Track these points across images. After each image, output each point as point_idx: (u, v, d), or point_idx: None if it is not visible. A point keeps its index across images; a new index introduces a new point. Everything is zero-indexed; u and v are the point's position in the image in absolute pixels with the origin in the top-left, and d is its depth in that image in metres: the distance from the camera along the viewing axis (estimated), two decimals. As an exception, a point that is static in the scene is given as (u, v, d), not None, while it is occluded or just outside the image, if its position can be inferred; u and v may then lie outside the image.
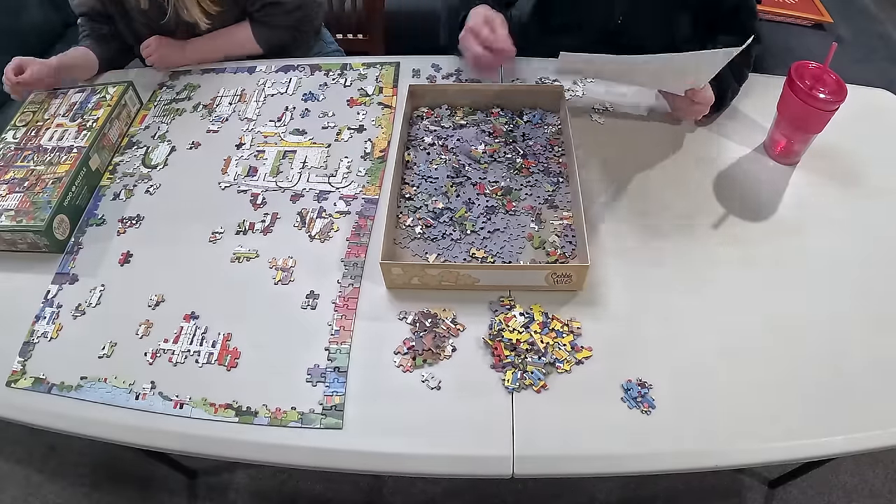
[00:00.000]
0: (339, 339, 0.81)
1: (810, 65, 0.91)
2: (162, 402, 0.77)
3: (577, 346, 0.78)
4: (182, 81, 1.20)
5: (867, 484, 1.37)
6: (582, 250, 0.83)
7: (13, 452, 1.49)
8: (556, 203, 0.92)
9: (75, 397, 0.79)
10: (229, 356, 0.80)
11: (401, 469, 0.75)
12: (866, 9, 1.66)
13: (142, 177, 1.03)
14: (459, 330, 0.81)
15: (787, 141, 0.97)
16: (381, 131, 1.07)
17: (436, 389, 0.76)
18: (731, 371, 0.76)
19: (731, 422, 0.72)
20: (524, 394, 0.75)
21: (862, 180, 0.97)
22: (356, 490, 1.40)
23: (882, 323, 0.80)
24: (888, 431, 0.71)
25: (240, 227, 0.94)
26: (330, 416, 0.74)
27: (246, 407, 0.76)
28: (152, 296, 0.87)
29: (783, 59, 1.44)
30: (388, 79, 1.16)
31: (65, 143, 1.02)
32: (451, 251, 0.87)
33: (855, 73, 1.00)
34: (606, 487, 1.38)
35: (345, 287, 0.86)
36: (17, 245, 0.93)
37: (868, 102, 1.08)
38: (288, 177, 1.00)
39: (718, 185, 0.96)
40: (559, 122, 1.03)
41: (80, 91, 1.12)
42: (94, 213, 0.99)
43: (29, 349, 0.83)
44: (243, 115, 1.11)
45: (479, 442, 0.72)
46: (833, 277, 0.85)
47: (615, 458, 0.71)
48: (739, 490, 1.37)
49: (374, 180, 0.99)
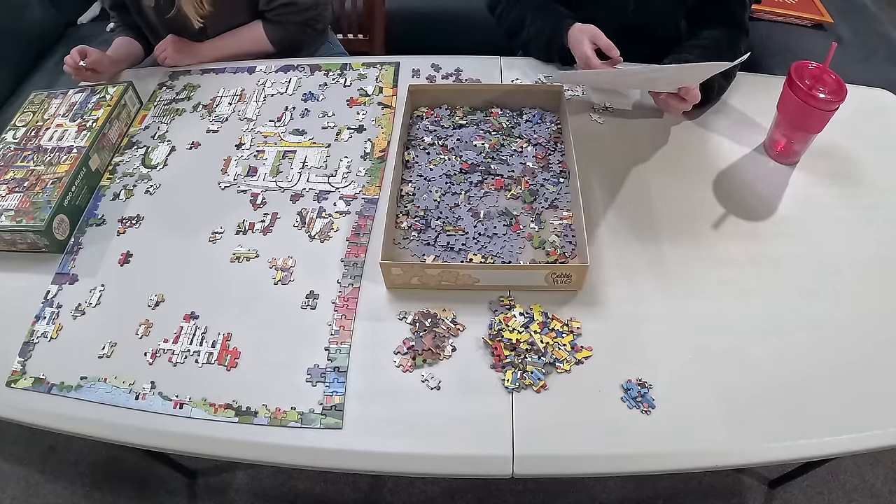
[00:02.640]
0: (338, 339, 0.81)
1: (810, 65, 0.91)
2: (162, 402, 0.77)
3: (577, 346, 0.78)
4: (182, 81, 1.20)
5: (867, 484, 1.37)
6: (582, 250, 0.83)
7: (13, 452, 1.48)
8: (556, 203, 0.92)
9: (75, 397, 0.79)
10: (229, 356, 0.80)
11: (400, 469, 0.75)
12: (866, 9, 1.66)
13: (142, 177, 1.03)
14: (459, 330, 0.81)
15: (787, 141, 0.97)
16: (381, 131, 1.07)
17: (436, 389, 0.76)
18: (731, 371, 0.76)
19: (731, 422, 0.72)
20: (524, 394, 0.75)
21: (862, 180, 0.97)
22: (355, 490, 1.40)
23: (882, 323, 0.80)
24: (888, 431, 0.71)
25: (240, 227, 0.94)
26: (330, 416, 0.74)
27: (246, 407, 0.76)
28: (152, 296, 0.87)
29: (783, 59, 1.45)
30: (388, 79, 1.16)
31: (65, 143, 1.02)
32: (449, 254, 0.87)
33: (855, 73, 1.00)
34: (606, 487, 1.38)
35: (345, 287, 0.86)
36: (17, 245, 0.93)
37: (868, 102, 1.08)
38: (288, 177, 1.00)
39: (718, 185, 0.96)
40: (559, 121, 1.03)
41: (80, 91, 1.12)
42: (94, 213, 0.99)
43: (29, 349, 0.83)
44: (243, 115, 1.11)
45: (478, 442, 0.72)
46: (833, 277, 0.85)
47: (615, 458, 0.71)
48: (739, 490, 1.36)
49: (374, 180, 0.99)
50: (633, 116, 1.07)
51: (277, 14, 1.24)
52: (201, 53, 1.24)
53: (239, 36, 1.26)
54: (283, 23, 1.25)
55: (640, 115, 1.07)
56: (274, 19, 1.25)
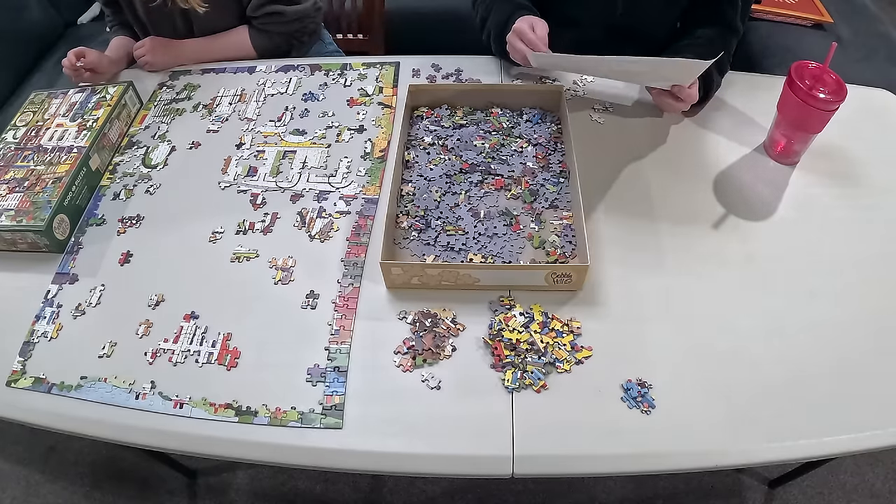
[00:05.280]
0: (339, 338, 0.81)
1: (810, 65, 0.91)
2: (162, 402, 0.77)
3: (577, 345, 0.78)
4: (182, 81, 1.20)
5: (867, 484, 1.37)
6: (582, 250, 0.83)
7: (13, 452, 1.49)
8: (556, 203, 0.92)
9: (75, 397, 0.79)
10: (229, 356, 0.80)
11: (400, 469, 0.75)
12: (866, 9, 1.66)
13: (142, 177, 1.03)
14: (459, 330, 0.81)
15: (787, 141, 0.97)
16: (381, 131, 1.07)
17: (436, 389, 0.76)
18: (730, 371, 0.76)
19: (731, 422, 0.72)
20: (524, 394, 0.75)
21: (862, 180, 0.97)
22: (356, 490, 1.40)
23: (882, 323, 0.80)
24: (888, 431, 0.71)
25: (240, 226, 0.94)
26: (330, 416, 0.74)
27: (246, 407, 0.76)
28: (152, 296, 0.87)
29: (783, 59, 1.45)
30: (388, 79, 1.16)
31: (65, 143, 1.02)
32: (449, 254, 0.87)
33: (855, 73, 1.00)
34: (606, 487, 1.38)
35: (345, 287, 0.86)
36: (17, 245, 0.93)
37: (868, 102, 1.08)
38: (288, 177, 1.00)
39: (718, 185, 0.96)
40: (559, 121, 1.03)
41: (80, 91, 1.12)
42: (94, 213, 0.99)
43: (29, 349, 0.83)
44: (243, 115, 1.11)
45: (478, 442, 0.72)
46: (833, 277, 0.85)
47: (615, 458, 0.71)
48: (739, 490, 1.37)
49: (374, 180, 0.99)
50: (633, 116, 1.07)
51: (263, 22, 1.24)
52: (183, 54, 1.23)
53: (223, 39, 1.25)
54: (269, 32, 1.25)
55: (640, 114, 1.07)
56: (260, 27, 1.25)
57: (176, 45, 1.23)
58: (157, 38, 1.21)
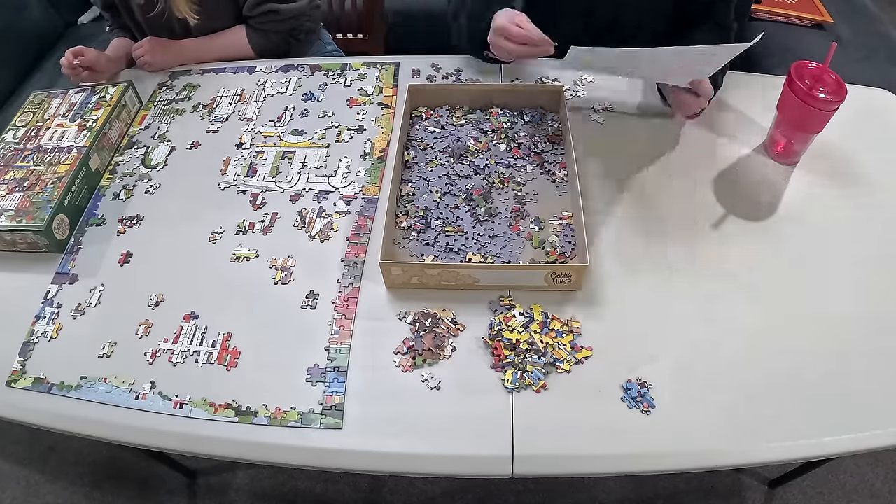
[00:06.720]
0: (338, 338, 0.81)
1: (810, 65, 0.91)
2: (162, 402, 0.77)
3: (577, 345, 0.78)
4: (182, 81, 1.20)
5: (867, 484, 1.37)
6: (581, 250, 0.83)
7: (13, 452, 1.49)
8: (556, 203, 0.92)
9: (75, 397, 0.79)
10: (229, 356, 0.80)
11: (400, 469, 0.75)
12: (866, 9, 1.66)
13: (142, 177, 1.03)
14: (459, 330, 0.81)
15: (787, 141, 0.97)
16: (381, 131, 1.07)
17: (435, 389, 0.76)
18: (730, 371, 0.76)
19: (731, 421, 0.72)
20: (524, 394, 0.75)
21: (862, 180, 0.97)
22: (356, 490, 1.40)
23: (882, 323, 0.80)
24: (888, 431, 0.71)
25: (240, 227, 0.94)
26: (330, 416, 0.74)
27: (246, 407, 0.76)
28: (152, 296, 0.87)
29: (783, 59, 1.45)
30: (387, 79, 1.16)
31: (65, 143, 1.02)
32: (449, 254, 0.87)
33: (855, 73, 1.00)
34: (606, 487, 1.38)
35: (344, 287, 0.86)
36: (17, 245, 0.93)
37: (868, 102, 1.08)
38: (287, 177, 1.00)
39: (718, 185, 0.96)
40: (559, 121, 1.03)
41: (80, 91, 1.12)
42: (94, 213, 0.99)
43: (29, 349, 0.83)
44: (243, 115, 1.11)
45: (478, 442, 0.72)
46: (833, 277, 0.85)
47: (615, 458, 0.71)
48: (739, 490, 1.37)
49: (374, 180, 0.99)
50: (633, 116, 1.07)
51: (260, 21, 1.24)
52: (182, 54, 1.23)
53: (220, 39, 1.25)
54: (266, 31, 1.25)
55: (641, 114, 1.07)
56: (257, 26, 1.25)
57: (175, 45, 1.23)
58: (155, 39, 1.22)
